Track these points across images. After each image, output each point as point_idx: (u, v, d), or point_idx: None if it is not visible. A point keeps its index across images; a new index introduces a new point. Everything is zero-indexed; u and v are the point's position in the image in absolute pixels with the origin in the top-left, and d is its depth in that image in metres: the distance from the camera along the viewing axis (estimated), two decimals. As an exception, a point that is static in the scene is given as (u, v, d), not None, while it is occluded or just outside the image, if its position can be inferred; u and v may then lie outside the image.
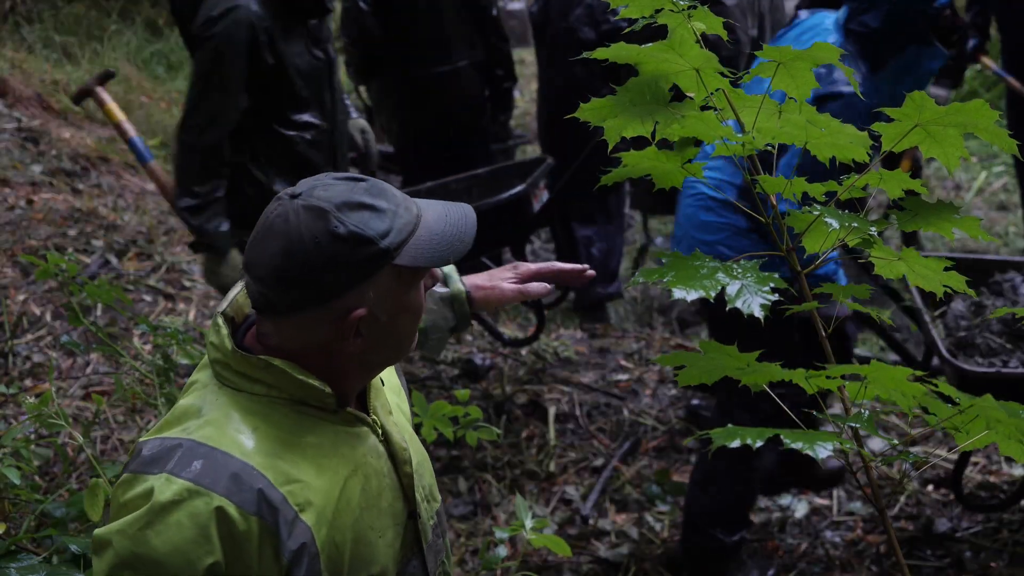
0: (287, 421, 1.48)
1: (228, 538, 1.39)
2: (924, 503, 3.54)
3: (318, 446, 1.48)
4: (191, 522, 1.38)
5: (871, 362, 1.18)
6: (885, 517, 1.31)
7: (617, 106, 1.19)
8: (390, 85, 4.64)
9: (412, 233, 1.44)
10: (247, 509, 1.40)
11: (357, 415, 1.53)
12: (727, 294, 1.18)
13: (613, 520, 3.56)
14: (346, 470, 1.50)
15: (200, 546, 1.38)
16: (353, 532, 1.49)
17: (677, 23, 1.13)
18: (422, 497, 1.61)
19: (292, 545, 1.42)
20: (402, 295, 1.46)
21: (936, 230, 1.23)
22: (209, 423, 1.46)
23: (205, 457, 1.42)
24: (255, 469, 1.42)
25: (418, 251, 1.43)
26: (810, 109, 1.17)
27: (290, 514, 1.43)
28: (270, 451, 1.45)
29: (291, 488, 1.44)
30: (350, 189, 1.42)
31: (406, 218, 1.44)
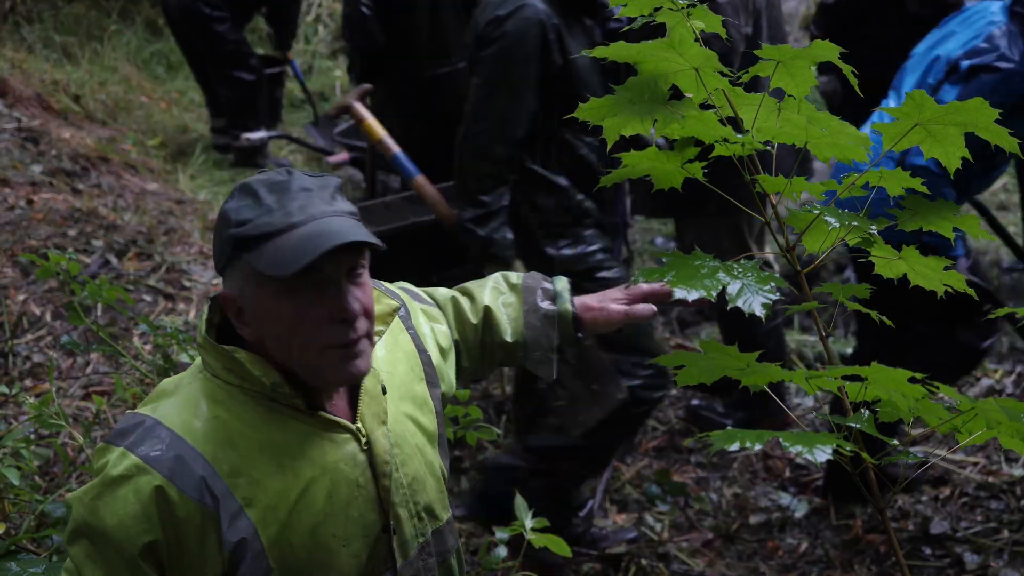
0: (253, 415, 1.48)
1: (169, 519, 1.42)
2: (924, 503, 3.54)
3: (282, 445, 1.48)
4: (135, 498, 1.42)
5: (871, 363, 1.18)
6: (885, 517, 1.31)
7: (616, 105, 1.19)
8: (391, 88, 4.64)
9: (270, 236, 1.41)
10: (189, 494, 1.42)
11: (333, 420, 1.51)
12: (728, 293, 1.18)
13: (613, 520, 3.56)
14: (311, 473, 1.49)
15: (140, 523, 1.42)
16: (312, 536, 1.48)
17: (676, 22, 1.13)
18: (410, 513, 1.57)
19: (231, 537, 1.43)
20: (266, 299, 1.44)
21: (936, 229, 1.23)
22: (176, 405, 1.49)
23: (159, 438, 1.45)
24: (202, 457, 1.44)
25: (260, 256, 1.41)
26: (809, 108, 1.17)
27: (233, 507, 1.44)
28: (224, 441, 1.46)
29: (237, 481, 1.45)
30: (264, 178, 1.47)
31: (275, 220, 1.42)
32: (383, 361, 1.62)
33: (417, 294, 1.84)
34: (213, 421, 1.47)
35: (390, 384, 1.60)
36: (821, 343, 1.32)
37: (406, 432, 1.60)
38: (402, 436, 1.59)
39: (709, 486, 3.73)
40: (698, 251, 1.22)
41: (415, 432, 1.62)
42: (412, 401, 1.64)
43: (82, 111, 6.53)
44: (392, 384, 1.61)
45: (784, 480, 3.75)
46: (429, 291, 1.87)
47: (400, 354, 1.65)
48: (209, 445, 1.45)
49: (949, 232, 1.22)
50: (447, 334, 1.79)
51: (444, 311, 1.83)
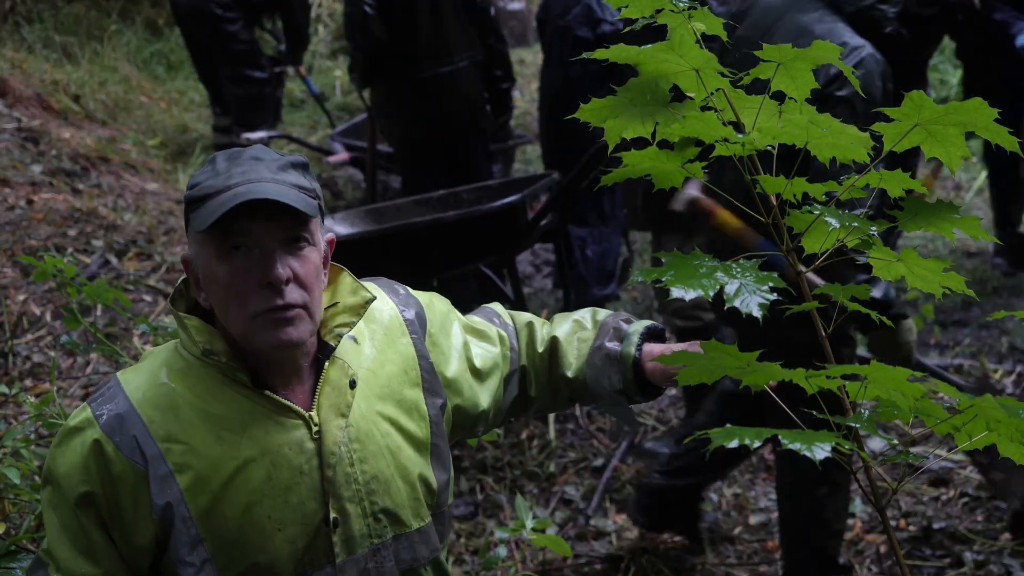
0: (203, 387, 1.53)
1: (105, 474, 1.49)
2: (924, 503, 3.54)
3: (225, 418, 1.52)
4: (80, 449, 1.50)
5: (871, 362, 1.18)
6: (884, 517, 1.31)
7: (617, 106, 1.19)
8: (391, 87, 4.64)
9: (209, 198, 1.48)
10: (123, 451, 1.49)
11: (283, 403, 1.53)
12: (725, 293, 1.18)
13: (613, 520, 3.56)
14: (251, 451, 1.51)
15: (80, 473, 1.50)
16: (246, 514, 1.50)
17: (677, 23, 1.13)
18: (363, 512, 1.56)
19: (159, 500, 1.48)
20: (207, 259, 1.51)
21: (936, 230, 1.23)
22: (139, 370, 1.56)
23: (112, 396, 1.53)
24: (140, 418, 1.50)
25: (194, 214, 1.50)
26: (810, 109, 1.17)
27: (162, 470, 1.49)
28: (166, 407, 1.51)
29: (170, 446, 1.49)
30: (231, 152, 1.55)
31: (216, 183, 1.49)
32: (367, 359, 1.62)
33: (488, 310, 1.85)
34: (161, 387, 1.53)
35: (367, 382, 1.60)
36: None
37: (375, 431, 1.59)
38: (368, 433, 1.58)
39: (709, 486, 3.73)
40: (697, 251, 1.22)
41: (389, 433, 1.60)
42: (397, 404, 1.62)
43: (82, 111, 6.53)
44: (370, 382, 1.61)
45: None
46: (514, 314, 1.86)
47: (394, 356, 1.65)
48: (149, 408, 1.51)
49: (950, 233, 1.22)
50: (494, 355, 1.77)
51: (517, 334, 1.82)
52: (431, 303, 1.76)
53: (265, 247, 1.47)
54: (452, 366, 1.71)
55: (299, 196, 1.48)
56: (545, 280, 5.66)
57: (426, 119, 4.63)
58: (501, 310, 1.86)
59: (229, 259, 1.47)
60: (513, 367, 1.80)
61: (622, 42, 1.16)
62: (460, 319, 1.79)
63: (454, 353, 1.72)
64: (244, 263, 1.47)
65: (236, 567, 1.50)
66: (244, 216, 1.45)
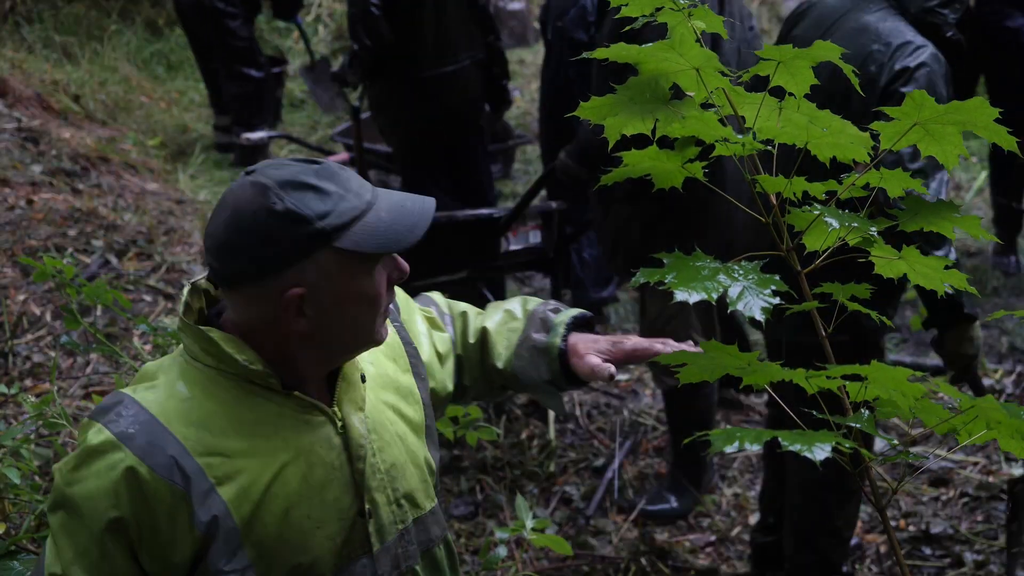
0: (228, 396, 1.50)
1: (138, 496, 1.44)
2: (924, 503, 3.54)
3: (256, 424, 1.50)
4: (106, 473, 1.43)
5: (871, 362, 1.18)
6: (884, 517, 1.31)
7: (617, 104, 1.19)
8: (393, 86, 4.63)
9: (358, 218, 1.44)
10: (159, 472, 1.43)
11: (310, 401, 1.53)
12: (728, 296, 1.18)
13: (613, 520, 3.56)
14: (286, 455, 1.50)
15: (108, 498, 1.43)
16: (286, 517, 1.49)
17: (677, 22, 1.13)
18: (388, 499, 1.59)
19: (203, 516, 1.45)
20: (349, 280, 1.46)
21: (937, 229, 1.23)
22: (154, 386, 1.51)
23: (135, 416, 1.47)
24: (175, 436, 1.45)
25: (361, 237, 1.44)
26: (810, 107, 1.17)
27: (204, 485, 1.45)
28: (198, 422, 1.47)
29: (210, 460, 1.46)
30: (300, 170, 1.45)
31: (353, 203, 1.45)
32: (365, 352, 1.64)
33: (427, 298, 1.88)
34: (188, 401, 1.49)
35: (371, 374, 1.62)
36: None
37: (385, 420, 1.61)
38: (381, 423, 1.60)
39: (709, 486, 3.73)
40: (698, 252, 1.22)
41: (396, 421, 1.63)
42: (395, 391, 1.66)
43: (82, 111, 6.53)
44: (373, 374, 1.63)
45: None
46: (451, 303, 1.89)
47: (384, 346, 1.65)
48: (181, 425, 1.47)
49: (950, 232, 1.22)
50: (447, 340, 1.81)
51: (452, 324, 1.85)
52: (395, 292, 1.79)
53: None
54: (424, 351, 1.75)
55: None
56: (544, 280, 5.66)
57: (427, 119, 4.63)
58: (439, 299, 1.89)
59: (374, 271, 1.47)
60: (455, 354, 1.83)
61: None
62: (417, 307, 1.82)
63: (423, 339, 1.76)
64: (382, 267, 1.49)
65: (277, 570, 1.50)
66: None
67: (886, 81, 2.50)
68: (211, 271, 1.48)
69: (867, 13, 2.64)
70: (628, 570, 3.28)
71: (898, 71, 2.50)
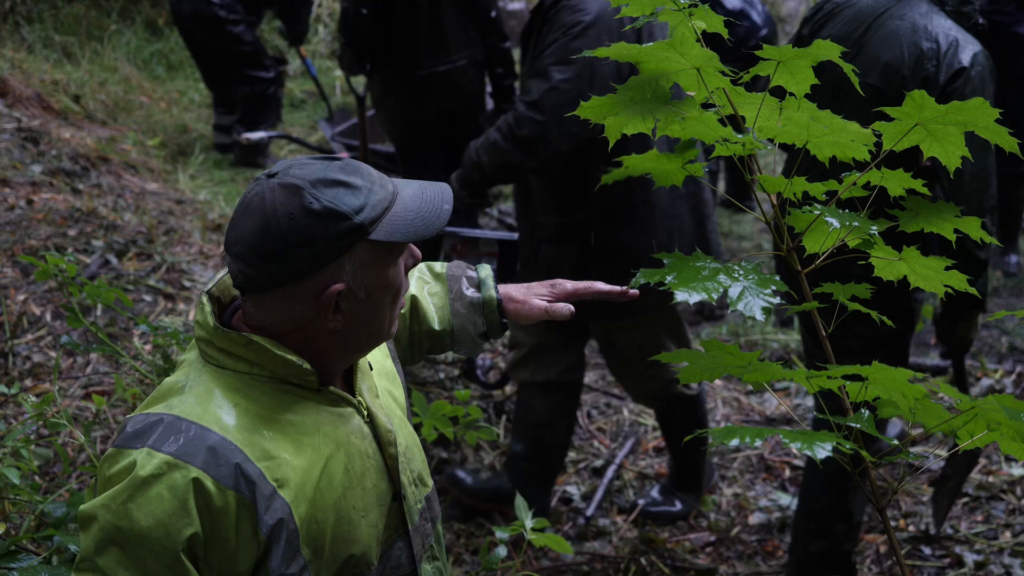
0: (267, 398, 1.50)
1: (206, 510, 1.41)
2: (924, 503, 3.54)
3: (299, 424, 1.50)
4: (170, 495, 1.40)
5: (872, 363, 1.18)
6: (884, 517, 1.31)
7: (617, 104, 1.19)
8: (390, 83, 4.65)
9: (387, 209, 1.46)
10: (224, 483, 1.42)
11: (341, 395, 1.55)
12: (729, 296, 1.18)
13: (613, 520, 3.56)
14: (328, 449, 1.52)
15: (180, 518, 1.40)
16: (335, 511, 1.51)
17: (678, 21, 1.13)
18: (409, 480, 1.63)
19: (269, 520, 1.44)
20: (379, 271, 1.48)
21: (937, 230, 1.22)
22: (191, 399, 1.48)
23: (185, 432, 1.44)
24: (233, 444, 1.44)
25: (393, 227, 1.46)
26: (811, 106, 1.17)
27: (267, 489, 1.45)
28: (249, 427, 1.47)
29: (269, 464, 1.46)
30: (325, 167, 1.45)
31: (381, 195, 1.46)
32: None
33: None
34: (235, 409, 1.47)
35: (371, 362, 1.67)
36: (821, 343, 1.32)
37: (392, 405, 1.67)
38: (390, 408, 1.65)
39: (709, 486, 3.73)
40: (698, 252, 1.22)
41: (393, 406, 1.68)
42: (386, 376, 1.70)
43: (82, 111, 6.53)
44: (372, 361, 1.68)
45: (784, 480, 3.75)
46: None
47: None
48: (237, 432, 1.45)
49: (950, 233, 1.21)
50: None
51: None
52: None
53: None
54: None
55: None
56: (545, 280, 5.66)
57: (424, 116, 4.65)
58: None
59: (398, 262, 1.50)
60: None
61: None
62: None
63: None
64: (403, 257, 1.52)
65: (330, 566, 1.50)
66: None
67: (944, 80, 2.54)
68: (241, 277, 1.45)
69: (911, 10, 2.65)
70: (628, 570, 3.28)
71: (956, 70, 2.54)
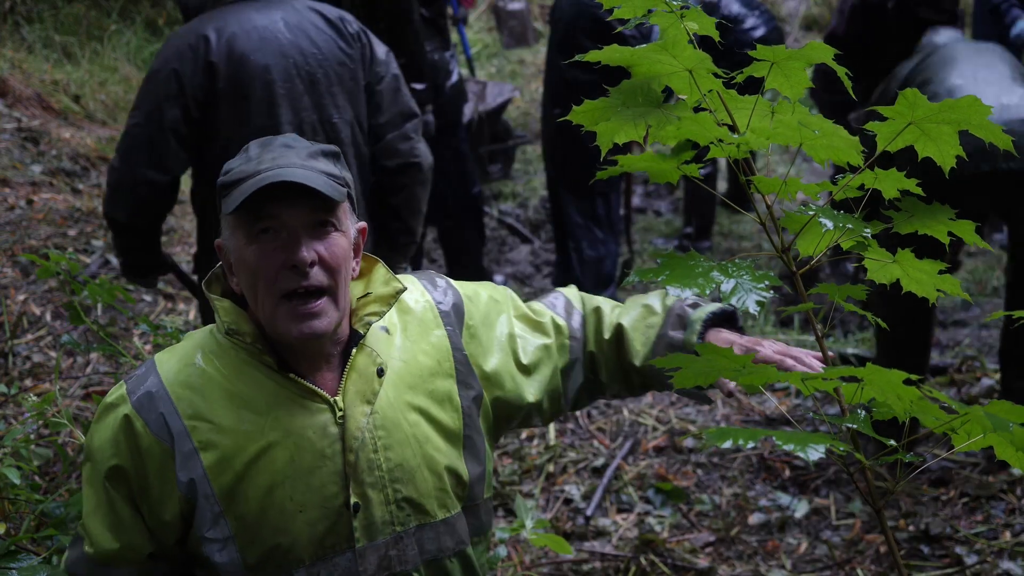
0: (232, 369, 1.56)
1: (134, 449, 1.53)
2: (924, 503, 3.54)
3: (251, 400, 1.54)
4: (111, 424, 1.55)
5: (867, 365, 1.18)
6: (882, 517, 1.31)
7: (609, 109, 1.19)
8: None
9: (240, 183, 1.50)
10: (151, 428, 1.53)
11: (308, 387, 1.56)
12: (722, 292, 1.18)
13: (613, 520, 3.56)
14: (275, 434, 1.54)
15: (111, 447, 1.54)
16: (268, 495, 1.53)
17: (669, 23, 1.13)
18: (385, 499, 1.57)
19: (183, 477, 1.52)
20: (237, 247, 1.54)
21: (931, 232, 1.22)
22: (175, 350, 1.61)
23: (146, 375, 1.57)
24: (167, 394, 1.54)
25: (228, 200, 1.51)
26: (803, 110, 1.17)
27: (187, 447, 1.52)
28: (195, 386, 1.54)
29: (197, 424, 1.53)
30: (268, 137, 1.59)
31: (247, 168, 1.52)
32: (398, 349, 1.63)
33: (556, 295, 1.81)
34: (193, 368, 1.56)
35: (398, 372, 1.61)
36: (817, 344, 1.32)
37: (402, 419, 1.59)
38: (394, 422, 1.59)
39: (709, 486, 3.73)
40: (693, 251, 1.22)
41: (418, 423, 1.60)
42: (428, 394, 1.63)
43: (82, 111, 6.53)
44: (401, 372, 1.61)
45: (784, 480, 3.75)
46: (586, 298, 1.82)
47: (427, 347, 1.65)
48: (179, 387, 1.55)
49: (944, 236, 1.21)
50: (544, 346, 1.74)
51: (584, 321, 1.78)
52: (475, 295, 1.75)
53: (292, 230, 1.51)
54: (493, 359, 1.70)
55: (326, 182, 1.51)
56: (545, 280, 5.66)
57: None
58: (573, 295, 1.83)
59: (257, 242, 1.51)
60: (573, 356, 1.77)
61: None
62: (514, 309, 1.76)
63: (496, 346, 1.71)
64: (271, 245, 1.51)
65: (257, 547, 1.54)
66: (272, 200, 1.49)
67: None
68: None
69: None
70: (628, 570, 3.28)
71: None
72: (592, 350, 1.77)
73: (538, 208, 6.50)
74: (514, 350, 1.72)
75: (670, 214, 6.65)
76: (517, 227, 6.28)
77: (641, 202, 6.75)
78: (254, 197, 1.47)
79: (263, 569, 1.54)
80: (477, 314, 1.72)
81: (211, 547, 1.53)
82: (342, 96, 2.84)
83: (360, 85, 2.89)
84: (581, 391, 1.79)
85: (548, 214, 6.11)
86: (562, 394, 1.77)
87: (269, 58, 2.75)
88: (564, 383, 1.77)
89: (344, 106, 2.84)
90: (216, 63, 2.71)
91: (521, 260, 5.93)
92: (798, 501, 3.59)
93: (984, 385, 4.15)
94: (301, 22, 2.82)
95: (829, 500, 3.60)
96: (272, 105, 2.75)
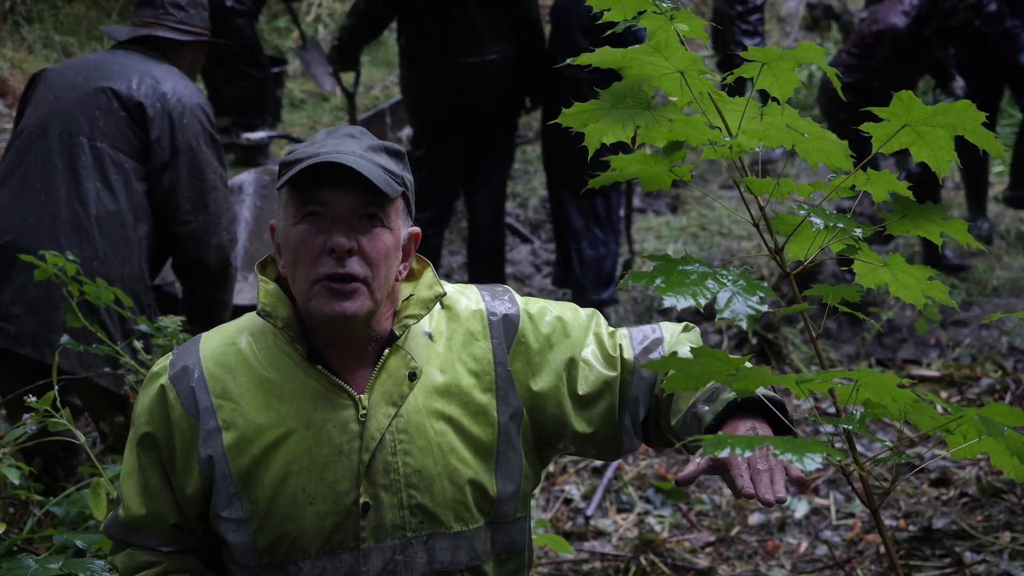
0: (267, 354, 1.59)
1: (165, 418, 1.57)
2: (924, 503, 3.53)
3: (277, 387, 1.56)
4: (151, 392, 1.59)
5: (861, 368, 1.18)
6: (878, 518, 1.31)
7: (599, 110, 1.18)
8: (415, 71, 4.71)
9: (301, 160, 1.52)
10: (181, 400, 1.57)
11: (335, 381, 1.56)
12: (716, 303, 1.17)
13: (613, 520, 3.56)
14: (296, 423, 1.55)
15: (146, 414, 1.59)
16: (282, 482, 1.54)
17: (659, 25, 1.12)
18: (399, 503, 1.56)
19: (203, 453, 1.55)
20: (286, 227, 1.55)
21: (924, 233, 1.22)
22: (222, 328, 1.65)
23: (189, 348, 1.62)
24: (203, 371, 1.57)
25: (287, 172, 1.53)
26: (792, 112, 1.16)
27: (211, 423, 1.55)
28: (229, 365, 1.58)
29: (223, 403, 1.55)
30: (336, 126, 1.64)
31: (309, 150, 1.53)
32: (438, 357, 1.61)
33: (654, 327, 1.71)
34: (230, 347, 1.60)
35: (433, 379, 1.59)
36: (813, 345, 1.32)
37: (428, 427, 1.57)
38: (419, 428, 1.57)
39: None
40: (688, 255, 1.22)
41: (445, 432, 1.58)
42: (463, 405, 1.60)
43: (82, 111, 6.51)
44: (436, 379, 1.59)
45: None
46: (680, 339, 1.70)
47: (467, 357, 1.62)
48: (213, 364, 1.58)
49: (936, 237, 1.21)
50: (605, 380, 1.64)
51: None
52: (541, 314, 1.67)
53: (337, 216, 1.52)
54: (542, 381, 1.63)
55: (380, 175, 1.52)
56: (545, 280, 5.65)
57: (449, 106, 4.68)
58: (670, 331, 1.72)
59: (303, 223, 1.53)
60: (633, 392, 1.66)
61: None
62: (594, 337, 1.67)
63: (549, 368, 1.64)
64: (315, 228, 1.52)
65: (268, 533, 1.55)
66: (324, 185, 1.51)
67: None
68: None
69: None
70: (628, 570, 3.28)
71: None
72: (657, 393, 1.68)
73: (538, 208, 6.49)
74: (573, 377, 1.64)
75: (670, 214, 6.65)
76: (517, 227, 6.27)
77: (641, 202, 6.74)
78: (308, 174, 1.50)
79: (272, 554, 1.56)
80: (533, 332, 1.65)
81: (226, 526, 1.56)
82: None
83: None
84: (648, 426, 1.69)
85: (548, 214, 6.10)
86: (619, 428, 1.67)
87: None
88: (621, 417, 1.67)
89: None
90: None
91: (521, 260, 5.93)
92: (798, 501, 3.59)
93: (984, 384, 4.15)
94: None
95: (829, 500, 3.60)
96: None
